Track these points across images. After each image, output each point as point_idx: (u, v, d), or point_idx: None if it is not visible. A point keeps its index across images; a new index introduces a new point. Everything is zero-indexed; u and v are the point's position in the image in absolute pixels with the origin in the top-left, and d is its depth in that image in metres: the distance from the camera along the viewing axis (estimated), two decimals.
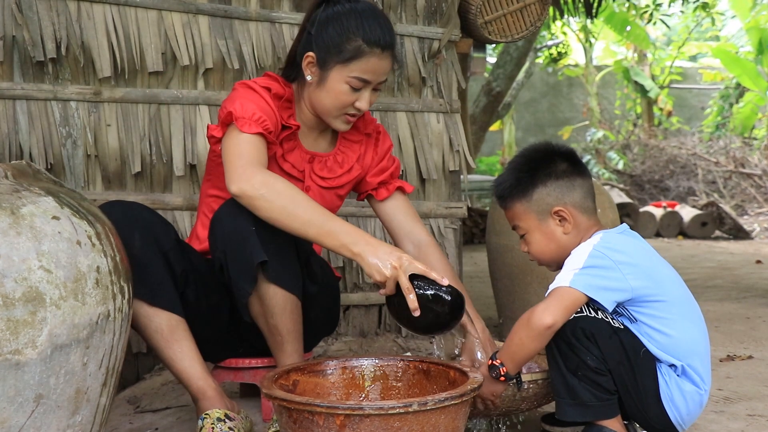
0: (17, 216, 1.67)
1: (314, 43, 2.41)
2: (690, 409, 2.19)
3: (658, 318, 2.16)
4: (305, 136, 2.55)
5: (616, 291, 2.11)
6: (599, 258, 2.12)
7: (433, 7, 3.61)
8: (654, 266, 2.21)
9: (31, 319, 1.63)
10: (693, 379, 2.19)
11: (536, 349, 2.11)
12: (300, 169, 2.53)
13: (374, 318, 3.64)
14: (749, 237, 9.12)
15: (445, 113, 3.67)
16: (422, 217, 3.62)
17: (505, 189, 2.33)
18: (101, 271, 1.78)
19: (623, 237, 2.24)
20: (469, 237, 7.87)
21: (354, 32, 2.36)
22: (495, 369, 2.16)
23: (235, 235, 2.26)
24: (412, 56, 3.61)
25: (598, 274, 2.10)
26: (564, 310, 2.08)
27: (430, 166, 3.63)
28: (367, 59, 2.37)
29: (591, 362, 2.11)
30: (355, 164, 2.61)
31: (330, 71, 2.39)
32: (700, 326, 2.26)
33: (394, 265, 2.08)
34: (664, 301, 2.16)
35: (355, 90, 2.40)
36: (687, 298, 2.27)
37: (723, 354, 3.44)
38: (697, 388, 2.19)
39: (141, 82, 3.27)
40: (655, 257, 2.26)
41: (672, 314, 2.17)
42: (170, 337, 2.32)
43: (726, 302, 4.70)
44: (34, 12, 3.11)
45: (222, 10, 3.33)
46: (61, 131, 3.17)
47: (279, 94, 2.45)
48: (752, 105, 13.46)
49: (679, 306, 2.20)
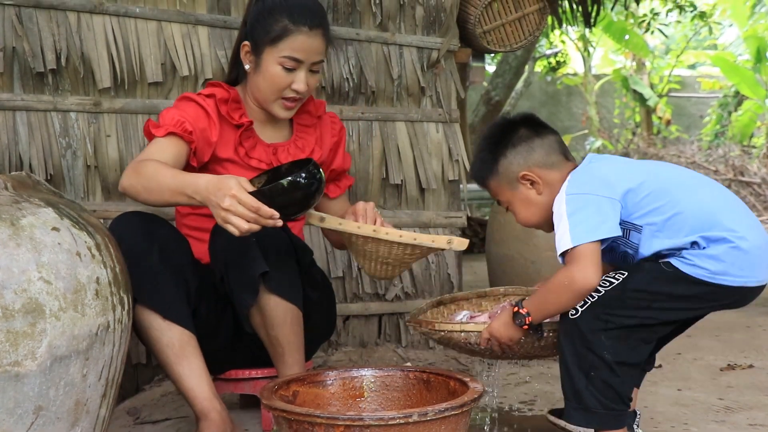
0: (17, 227, 1.67)
1: (248, 32, 2.50)
2: (732, 262, 2.12)
3: (656, 209, 2.17)
4: (262, 130, 2.60)
5: (610, 215, 2.15)
6: (574, 202, 2.19)
7: (432, 17, 3.62)
8: (628, 168, 2.27)
9: (31, 330, 1.62)
10: (721, 239, 2.12)
11: (571, 308, 2.15)
12: (267, 162, 2.56)
13: (374, 328, 3.63)
14: None
15: (444, 123, 3.67)
16: (422, 227, 3.63)
17: (476, 172, 2.45)
18: (101, 282, 1.78)
19: (587, 167, 2.29)
20: (469, 246, 7.85)
21: (279, 12, 2.43)
22: (520, 317, 2.20)
23: (236, 246, 2.27)
24: (411, 66, 3.61)
25: (585, 217, 2.15)
26: (595, 266, 2.11)
27: (429, 175, 3.63)
28: (294, 37, 2.43)
29: (608, 356, 2.11)
30: (315, 147, 2.66)
31: (262, 55, 2.46)
32: (707, 187, 2.25)
33: (231, 195, 2.03)
34: (652, 190, 2.18)
35: (289, 70, 2.45)
36: (679, 172, 2.30)
37: (723, 363, 3.43)
38: (729, 243, 2.11)
39: (141, 92, 3.27)
40: (627, 162, 2.33)
41: (669, 195, 2.18)
42: (180, 353, 2.31)
43: (726, 311, 4.69)
44: (34, 23, 3.11)
45: (221, 20, 3.33)
46: (60, 142, 3.17)
47: (224, 98, 2.52)
48: (751, 113, 13.46)
49: (672, 183, 2.22)
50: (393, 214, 3.60)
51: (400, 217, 3.60)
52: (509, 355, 2.37)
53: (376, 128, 3.58)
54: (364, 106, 3.57)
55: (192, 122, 2.42)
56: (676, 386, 3.06)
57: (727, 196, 2.25)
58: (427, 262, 3.65)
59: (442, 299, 2.66)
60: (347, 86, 3.51)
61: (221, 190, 2.04)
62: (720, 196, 2.24)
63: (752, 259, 2.14)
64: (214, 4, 3.35)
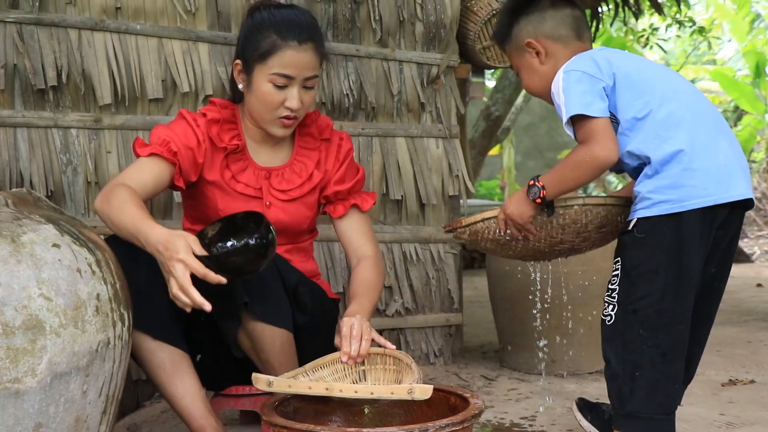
0: (17, 244, 1.67)
1: (239, 51, 2.47)
2: (692, 184, 2.12)
3: (633, 105, 2.20)
4: (257, 152, 2.55)
5: (599, 88, 2.20)
6: (569, 77, 2.24)
7: (432, 33, 3.63)
8: (631, 62, 2.30)
9: (31, 347, 1.63)
10: (672, 158, 2.13)
11: (588, 183, 2.33)
12: (256, 186, 2.52)
13: None
14: (749, 260, 9.11)
15: (444, 138, 3.67)
16: (422, 242, 3.63)
17: (494, 34, 2.57)
18: (101, 298, 1.78)
19: (590, 52, 2.34)
20: (470, 262, 7.86)
21: (267, 28, 2.40)
22: (534, 190, 2.22)
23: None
24: (411, 81, 3.62)
25: (580, 88, 2.21)
26: (613, 140, 2.17)
27: (429, 191, 3.63)
28: (283, 53, 2.38)
29: (649, 350, 2.13)
30: (314, 171, 2.58)
31: (253, 73, 2.42)
32: (686, 98, 2.24)
33: (178, 259, 2.02)
34: (639, 84, 2.22)
35: (281, 88, 2.40)
36: (672, 79, 2.31)
37: (725, 378, 3.43)
38: (681, 165, 2.12)
39: (141, 109, 3.28)
40: (634, 59, 2.36)
41: (648, 95, 2.20)
42: (173, 372, 2.30)
43: (727, 326, 4.69)
44: (36, 40, 3.12)
45: (222, 37, 3.35)
46: (61, 158, 3.18)
47: (215, 118, 2.48)
48: (750, 128, 13.48)
49: (656, 85, 2.23)
50: (393, 230, 3.60)
51: (400, 233, 3.60)
52: (534, 244, 2.36)
53: (377, 144, 3.58)
54: (364, 122, 3.57)
55: (179, 142, 2.39)
56: None
57: (701, 109, 2.23)
58: (428, 278, 3.65)
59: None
60: (347, 102, 3.52)
61: (169, 251, 2.03)
62: (692, 108, 2.22)
63: (711, 175, 2.13)
64: (214, 21, 3.36)
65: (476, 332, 4.48)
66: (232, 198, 2.48)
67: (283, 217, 2.53)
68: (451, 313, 3.70)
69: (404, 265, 3.62)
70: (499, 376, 3.53)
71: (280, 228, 2.54)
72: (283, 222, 2.53)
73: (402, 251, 3.62)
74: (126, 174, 2.35)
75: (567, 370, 3.50)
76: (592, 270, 3.43)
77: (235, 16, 3.37)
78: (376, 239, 2.67)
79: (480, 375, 3.53)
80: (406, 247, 3.63)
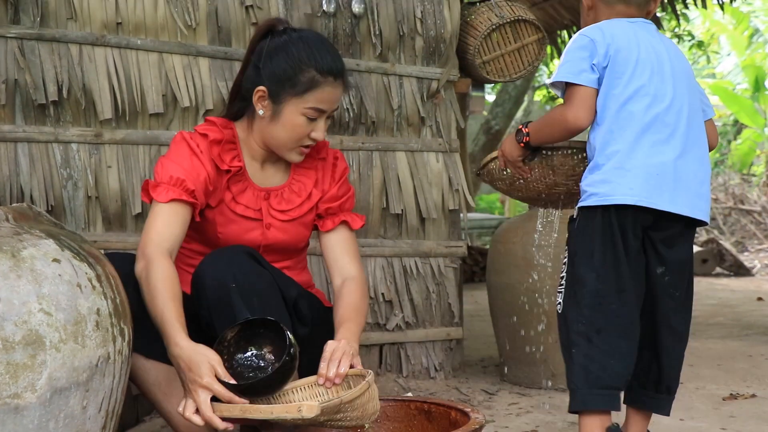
0: (18, 259, 1.67)
1: (264, 77, 2.40)
2: (618, 182, 2.27)
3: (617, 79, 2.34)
4: (256, 172, 2.52)
5: (592, 57, 2.34)
6: (575, 41, 2.40)
7: (432, 47, 3.64)
8: (637, 44, 2.38)
9: (31, 362, 1.62)
10: (613, 155, 2.30)
11: (560, 142, 2.49)
12: (256, 208, 2.49)
13: (375, 358, 3.62)
14: (750, 274, 9.10)
15: (444, 152, 3.68)
16: (422, 257, 3.63)
17: None
18: (101, 313, 1.78)
19: (614, 21, 2.44)
20: (470, 275, 7.84)
21: (306, 62, 2.37)
22: (520, 134, 2.51)
23: (218, 293, 2.23)
24: (411, 96, 3.63)
25: (578, 55, 2.36)
26: (587, 110, 2.35)
27: (429, 205, 3.64)
28: (322, 89, 2.38)
29: (583, 327, 2.31)
30: (313, 190, 2.57)
31: (284, 104, 2.38)
32: (659, 100, 2.34)
33: (202, 384, 2.03)
34: (625, 70, 2.33)
35: (311, 120, 2.40)
36: (667, 76, 2.37)
37: (726, 392, 3.42)
38: (614, 162, 2.29)
39: (142, 123, 3.28)
40: (641, 45, 2.39)
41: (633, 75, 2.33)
42: (168, 390, 2.30)
43: (728, 340, 4.69)
44: (37, 55, 3.13)
45: (222, 52, 3.35)
46: (62, 173, 3.18)
47: (217, 139, 2.43)
48: (750, 142, 13.50)
49: (647, 79, 2.33)
50: (393, 244, 3.60)
51: (400, 247, 3.60)
52: (535, 189, 2.63)
53: (377, 158, 3.59)
54: (364, 136, 3.58)
55: (193, 178, 2.36)
56: (678, 416, 3.05)
57: (672, 120, 2.32)
58: (428, 292, 3.65)
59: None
60: (347, 116, 3.53)
61: (192, 373, 2.04)
62: (660, 115, 2.31)
63: (639, 178, 2.25)
64: (215, 36, 3.37)
65: (477, 346, 4.47)
66: (231, 220, 2.46)
67: (283, 237, 2.52)
68: (451, 327, 3.70)
69: (404, 279, 3.62)
70: (500, 390, 3.52)
71: (279, 247, 2.54)
72: (283, 242, 2.53)
73: (402, 265, 3.62)
74: (157, 230, 2.30)
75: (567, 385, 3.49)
76: None
77: (236, 31, 3.37)
78: (374, 253, 2.67)
79: (481, 389, 3.53)
80: (406, 261, 3.63)
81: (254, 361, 2.14)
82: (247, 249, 2.35)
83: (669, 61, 2.39)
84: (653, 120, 2.30)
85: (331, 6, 3.47)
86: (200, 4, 3.32)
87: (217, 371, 2.04)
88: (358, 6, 3.50)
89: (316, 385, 2.19)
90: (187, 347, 2.08)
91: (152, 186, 2.35)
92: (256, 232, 2.49)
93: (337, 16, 3.50)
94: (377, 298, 3.57)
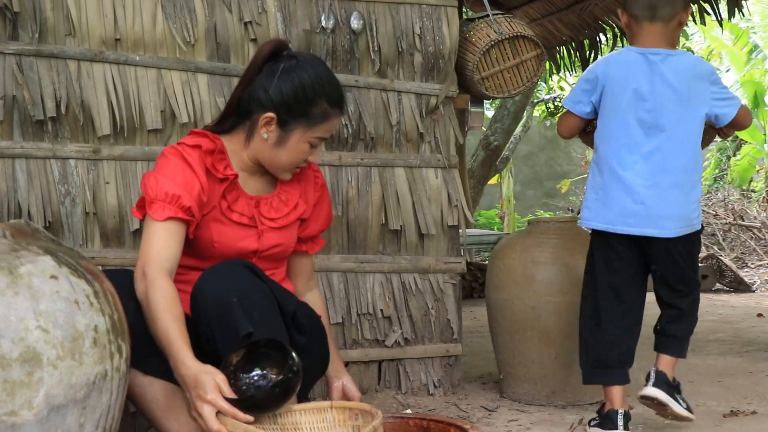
0: (15, 275, 1.67)
1: (273, 103, 2.42)
2: (595, 210, 3.08)
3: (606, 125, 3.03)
4: (246, 181, 2.55)
5: (589, 91, 3.06)
6: (586, 72, 3.16)
7: (431, 63, 3.64)
8: (624, 89, 2.98)
9: (28, 379, 1.62)
10: (601, 188, 3.10)
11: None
12: (249, 215, 2.52)
13: (374, 374, 3.61)
14: (750, 290, 9.08)
15: (443, 168, 3.68)
16: (421, 272, 3.63)
17: None
18: (99, 330, 1.77)
19: (623, 55, 3.04)
20: (469, 291, 7.83)
21: (319, 95, 2.43)
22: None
23: (219, 307, 2.24)
24: (410, 112, 3.63)
25: (580, 87, 3.11)
26: (566, 129, 3.23)
27: (428, 221, 3.63)
28: (330, 121, 2.48)
29: (588, 319, 3.14)
30: (299, 200, 2.63)
31: (292, 132, 2.44)
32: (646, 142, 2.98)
33: (206, 400, 2.05)
34: (610, 100, 3.02)
35: (313, 147, 2.50)
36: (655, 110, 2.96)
37: (726, 409, 3.41)
38: (596, 195, 3.10)
39: (140, 139, 3.28)
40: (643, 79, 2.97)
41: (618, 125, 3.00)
42: (166, 406, 2.29)
43: (728, 356, 4.68)
44: (35, 72, 3.13)
45: (220, 68, 3.36)
46: (59, 189, 3.18)
47: (210, 149, 2.45)
48: (750, 158, 13.50)
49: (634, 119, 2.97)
50: (392, 260, 3.60)
51: (399, 263, 3.59)
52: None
53: (375, 174, 3.59)
54: (363, 152, 3.58)
55: (187, 193, 2.35)
56: None
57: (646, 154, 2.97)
58: (427, 308, 3.64)
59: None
60: (346, 132, 3.53)
61: (197, 390, 2.07)
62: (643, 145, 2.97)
63: (615, 208, 2.98)
64: (213, 52, 3.37)
65: (476, 362, 4.46)
66: (227, 228, 2.47)
67: (277, 241, 2.56)
68: (450, 344, 3.69)
69: (403, 296, 3.61)
70: (499, 406, 3.51)
71: (272, 254, 2.57)
72: (276, 248, 2.57)
73: (401, 281, 3.61)
74: (156, 250, 2.30)
75: (567, 401, 3.48)
76: None
77: (234, 48, 3.38)
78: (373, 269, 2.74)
79: (480, 406, 3.51)
80: (405, 278, 3.62)
81: (259, 381, 2.14)
82: (245, 262, 2.36)
83: (663, 93, 2.93)
84: (643, 154, 2.97)
85: (330, 22, 3.48)
86: (199, 21, 3.33)
87: (222, 389, 2.05)
88: (357, 22, 3.51)
89: (326, 410, 2.20)
90: (194, 367, 2.10)
91: (147, 203, 2.35)
92: (251, 238, 2.52)
93: (336, 32, 3.50)
94: (376, 314, 3.56)
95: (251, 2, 3.39)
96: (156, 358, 2.27)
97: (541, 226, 3.66)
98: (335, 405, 2.23)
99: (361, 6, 3.53)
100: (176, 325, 2.18)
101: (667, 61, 2.92)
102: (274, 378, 2.12)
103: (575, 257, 3.44)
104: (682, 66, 2.94)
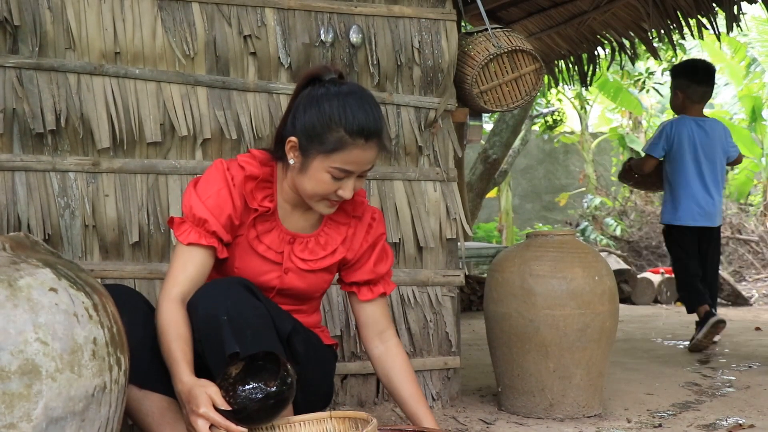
0: (14, 288, 1.67)
1: (297, 128, 2.38)
2: (668, 209, 5.60)
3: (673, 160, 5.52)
4: (288, 215, 2.52)
5: (661, 139, 5.40)
6: (661, 127, 5.46)
7: (429, 77, 3.65)
8: (687, 142, 5.46)
9: (27, 392, 1.62)
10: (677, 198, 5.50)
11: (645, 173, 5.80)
12: (278, 250, 2.49)
13: (372, 387, 3.61)
14: (748, 303, 9.09)
15: (441, 182, 3.68)
16: (419, 286, 3.63)
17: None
18: (98, 342, 1.77)
19: (683, 118, 5.44)
20: (467, 304, 7.83)
21: (336, 122, 2.32)
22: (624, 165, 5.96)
23: (209, 324, 2.24)
24: (409, 125, 3.64)
25: (655, 137, 5.44)
26: (647, 166, 5.62)
27: (427, 234, 3.64)
28: (349, 151, 2.34)
29: (675, 262, 5.83)
30: (339, 246, 2.57)
31: (312, 159, 2.36)
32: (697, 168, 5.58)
33: (199, 414, 2.05)
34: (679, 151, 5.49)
35: (338, 179, 2.36)
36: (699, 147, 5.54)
37: (725, 423, 3.40)
38: (671, 203, 5.52)
39: (139, 152, 3.29)
40: (690, 138, 5.51)
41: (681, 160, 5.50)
42: (161, 420, 2.29)
43: (726, 370, 4.67)
44: (35, 85, 3.14)
45: (220, 81, 3.37)
46: (59, 202, 3.19)
47: (253, 175, 2.43)
48: (747, 171, 13.52)
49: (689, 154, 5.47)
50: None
51: (398, 276, 3.59)
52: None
53: (374, 187, 3.59)
54: None
55: (215, 217, 2.36)
56: None
57: (694, 169, 5.48)
58: (426, 321, 3.64)
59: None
60: None
61: (190, 404, 2.08)
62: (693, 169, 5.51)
63: (679, 207, 5.39)
64: (213, 65, 3.38)
65: (474, 375, 4.45)
66: (250, 257, 2.46)
67: (299, 284, 2.53)
68: (449, 357, 3.69)
69: (402, 308, 3.61)
70: (498, 419, 3.51)
71: (294, 293, 2.53)
72: (298, 290, 2.54)
73: (399, 294, 3.62)
74: (173, 275, 2.35)
75: (565, 414, 3.48)
76: (590, 313, 3.43)
77: (234, 61, 3.39)
78: None
79: (478, 418, 3.51)
80: (403, 290, 3.62)
81: (253, 393, 2.15)
82: (243, 281, 2.34)
83: (706, 143, 5.38)
84: (694, 172, 5.47)
85: (329, 36, 3.49)
86: (198, 34, 3.34)
87: (214, 400, 2.05)
88: (356, 36, 3.52)
89: (325, 421, 2.20)
90: (189, 381, 2.12)
91: (177, 223, 2.38)
92: (273, 274, 2.49)
93: (335, 46, 3.51)
94: None
95: (251, 16, 3.40)
96: (152, 372, 2.28)
97: (540, 240, 3.66)
98: (334, 415, 2.23)
99: (360, 20, 3.55)
100: (176, 344, 2.21)
101: (707, 123, 5.43)
102: (267, 390, 2.13)
103: (573, 270, 3.44)
104: (715, 127, 5.43)
